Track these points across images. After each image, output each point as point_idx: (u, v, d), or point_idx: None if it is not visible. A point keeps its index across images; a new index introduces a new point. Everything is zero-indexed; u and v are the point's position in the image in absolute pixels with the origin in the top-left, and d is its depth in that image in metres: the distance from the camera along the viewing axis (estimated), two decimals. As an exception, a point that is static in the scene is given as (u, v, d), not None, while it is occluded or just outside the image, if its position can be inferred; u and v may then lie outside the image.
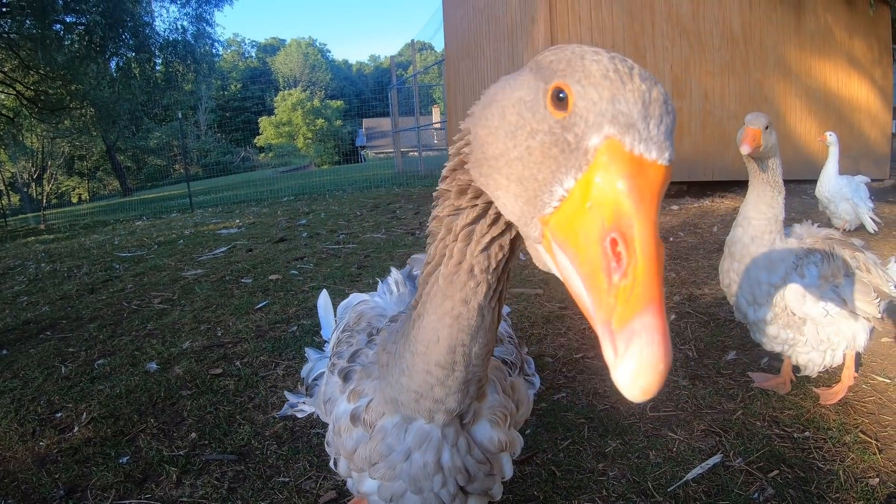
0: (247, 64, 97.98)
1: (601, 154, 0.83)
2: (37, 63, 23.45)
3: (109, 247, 10.88)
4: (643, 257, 0.77)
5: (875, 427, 3.13)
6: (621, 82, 0.85)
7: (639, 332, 0.74)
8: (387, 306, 2.12)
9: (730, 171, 11.69)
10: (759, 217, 3.15)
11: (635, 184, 0.81)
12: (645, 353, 0.73)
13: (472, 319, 1.32)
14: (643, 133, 0.83)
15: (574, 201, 0.86)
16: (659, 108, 0.85)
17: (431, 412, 1.51)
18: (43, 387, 4.23)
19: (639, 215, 0.79)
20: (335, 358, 1.90)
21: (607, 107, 0.84)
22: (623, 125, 0.83)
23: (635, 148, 0.82)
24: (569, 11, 10.34)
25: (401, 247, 8.08)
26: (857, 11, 12.79)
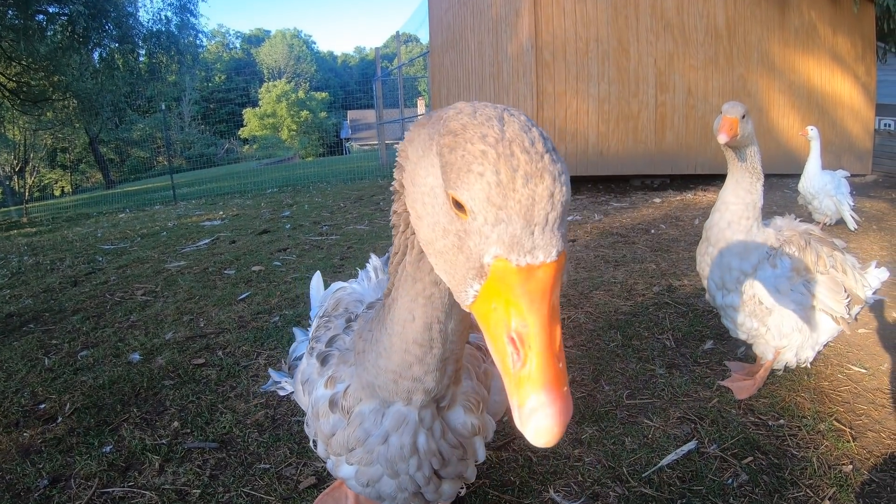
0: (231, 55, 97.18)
1: (494, 270, 0.93)
2: (19, 54, 23.16)
3: (92, 239, 10.81)
4: (536, 349, 0.90)
5: (850, 416, 3.19)
6: (502, 194, 0.91)
7: (535, 409, 0.89)
8: (364, 292, 2.16)
9: (713, 164, 11.77)
10: (737, 202, 3.17)
11: (525, 290, 0.91)
12: (540, 425, 0.88)
13: (444, 297, 1.37)
14: (527, 245, 0.91)
15: (483, 300, 0.97)
16: (543, 208, 0.91)
17: (410, 392, 1.53)
18: (26, 379, 4.22)
19: (531, 315, 0.91)
20: (314, 342, 1.94)
21: (491, 229, 0.92)
22: (508, 245, 0.91)
23: (521, 261, 0.91)
24: (553, 4, 10.37)
25: (384, 238, 8.09)
26: (841, 8, 12.89)
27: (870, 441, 2.97)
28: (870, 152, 13.92)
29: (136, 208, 17.48)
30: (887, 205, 9.68)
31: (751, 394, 3.39)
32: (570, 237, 7.49)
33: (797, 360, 3.39)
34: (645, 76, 11.15)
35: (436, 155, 1.03)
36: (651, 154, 11.36)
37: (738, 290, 3.23)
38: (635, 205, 9.87)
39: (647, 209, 9.44)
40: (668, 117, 11.43)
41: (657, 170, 11.58)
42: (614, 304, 4.97)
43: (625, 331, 4.38)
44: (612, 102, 10.94)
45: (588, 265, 6.16)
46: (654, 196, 10.72)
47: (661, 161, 11.48)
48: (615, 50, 10.88)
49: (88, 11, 21.70)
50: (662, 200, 10.20)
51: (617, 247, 6.91)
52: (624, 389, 3.54)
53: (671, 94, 11.39)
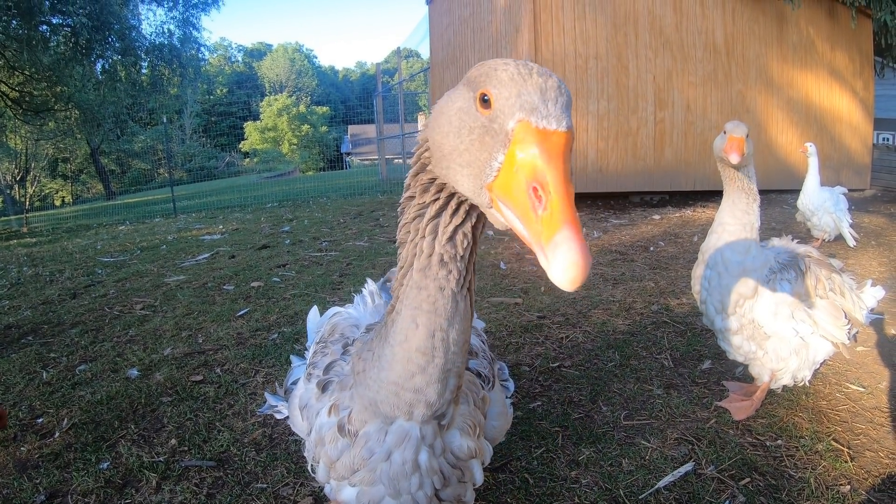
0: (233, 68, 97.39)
1: (517, 133, 1.14)
2: (22, 64, 23.21)
3: (92, 251, 10.81)
4: (556, 195, 1.06)
5: (848, 435, 3.19)
6: (523, 81, 1.16)
7: (560, 242, 1.01)
8: (360, 317, 2.19)
9: (711, 181, 11.80)
10: (734, 223, 3.16)
11: (544, 148, 1.11)
12: (567, 256, 0.99)
13: (448, 305, 1.47)
14: (543, 112, 1.13)
15: (506, 169, 1.16)
16: (553, 92, 1.16)
17: (411, 405, 1.56)
18: (24, 392, 4.22)
19: (549, 169, 1.08)
20: (311, 368, 1.96)
21: (515, 100, 1.15)
22: (528, 109, 1.13)
23: (539, 124, 1.12)
24: (552, 21, 10.43)
25: (383, 255, 8.10)
26: (839, 24, 12.98)
27: (868, 461, 2.96)
28: (868, 167, 13.98)
29: (137, 220, 17.50)
30: (886, 220, 9.70)
31: (748, 414, 3.38)
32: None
33: (794, 380, 3.39)
34: (644, 93, 11.20)
35: (463, 86, 1.30)
36: (650, 171, 11.39)
37: (736, 314, 3.22)
38: (634, 222, 9.88)
39: (646, 226, 9.45)
40: (667, 134, 11.47)
41: (656, 186, 11.61)
42: (612, 323, 4.97)
43: (623, 350, 4.38)
44: (611, 119, 10.98)
45: (587, 283, 6.14)
46: (653, 213, 10.74)
47: (660, 178, 11.51)
48: (614, 67, 10.94)
49: (92, 23, 21.76)
50: (661, 217, 10.22)
51: (616, 265, 6.92)
52: (622, 410, 3.53)
53: (670, 111, 11.44)
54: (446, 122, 1.30)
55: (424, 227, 1.45)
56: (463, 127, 1.24)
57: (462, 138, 1.24)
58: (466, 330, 1.55)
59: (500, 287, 6.13)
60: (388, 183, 20.76)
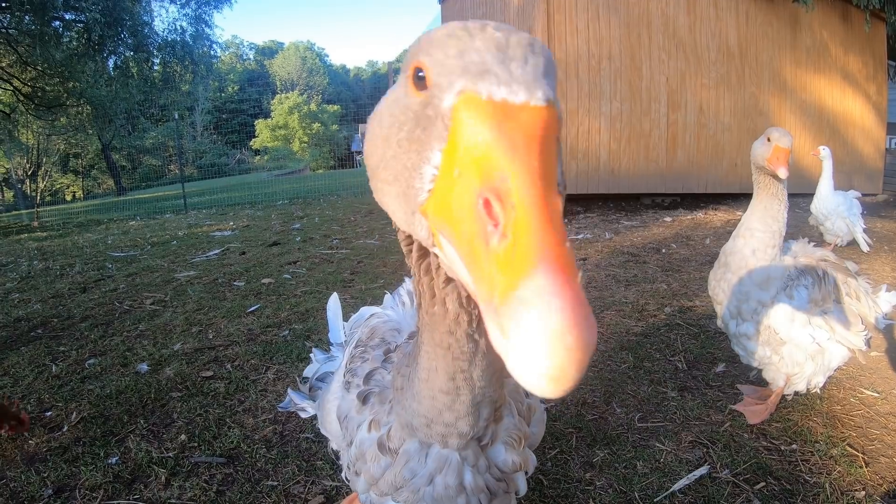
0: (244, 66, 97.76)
1: (458, 111, 0.75)
2: (35, 59, 23.36)
3: (102, 246, 10.84)
4: (523, 209, 0.65)
5: (862, 440, 3.16)
6: (469, 36, 0.77)
7: (528, 299, 0.59)
8: (400, 320, 2.02)
9: (723, 183, 11.76)
10: (764, 229, 3.10)
11: (503, 131, 0.70)
12: (541, 325, 0.58)
13: (464, 346, 1.26)
14: (502, 76, 0.73)
15: (443, 174, 0.77)
16: (521, 49, 0.76)
17: (444, 437, 1.45)
18: (33, 385, 4.22)
19: (513, 165, 0.68)
20: (349, 375, 1.84)
21: (456, 62, 0.76)
22: (475, 74, 0.74)
23: (494, 93, 0.72)
24: (566, 22, 10.40)
25: (394, 253, 8.08)
26: (852, 28, 12.89)
27: (882, 467, 2.93)
28: (881, 172, 13.89)
29: (147, 216, 17.54)
30: (899, 226, 9.61)
31: (763, 418, 3.35)
32: (581, 255, 7.48)
33: (808, 386, 3.35)
34: (657, 94, 11.15)
35: (402, 71, 0.90)
36: (662, 172, 11.35)
37: (753, 320, 3.19)
38: (646, 223, 9.84)
39: (657, 228, 9.41)
40: (680, 136, 11.42)
41: (668, 188, 11.56)
42: (626, 324, 4.93)
43: (636, 352, 4.34)
44: (623, 121, 10.94)
45: (599, 285, 6.13)
46: (664, 215, 10.70)
47: (672, 180, 11.46)
48: (627, 68, 10.89)
49: (104, 19, 21.86)
50: (673, 219, 10.17)
51: (628, 266, 6.88)
52: (636, 412, 3.50)
53: (683, 113, 11.39)
54: (377, 123, 0.95)
55: (416, 267, 1.18)
56: (393, 124, 0.88)
57: (390, 142, 0.88)
58: (493, 362, 1.36)
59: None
60: (398, 182, 20.72)
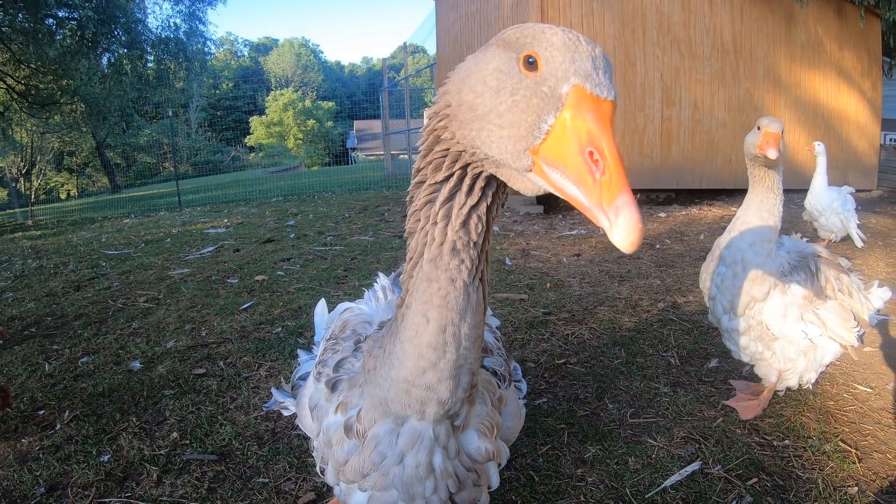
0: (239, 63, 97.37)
1: (571, 97, 1.13)
2: (28, 57, 23.25)
3: (97, 244, 10.82)
4: (612, 161, 1.08)
5: (855, 436, 3.17)
6: (575, 47, 1.14)
7: (622, 206, 1.04)
8: (373, 313, 2.13)
9: (717, 179, 11.77)
10: (760, 223, 3.10)
11: (598, 115, 1.11)
12: (630, 218, 1.03)
13: (460, 298, 1.42)
14: (596, 80, 1.13)
15: (558, 132, 1.14)
16: (602, 62, 1.15)
17: (423, 403, 1.51)
18: (26, 384, 4.21)
19: (603, 135, 1.09)
20: (321, 366, 1.91)
21: (570, 65, 1.13)
22: (583, 76, 1.12)
23: (593, 91, 1.12)
24: (560, 18, 10.39)
25: (388, 249, 8.09)
26: (847, 23, 12.90)
27: (875, 462, 2.94)
28: (875, 168, 13.92)
29: (141, 214, 17.51)
30: (893, 221, 9.65)
31: (756, 414, 3.35)
32: (575, 252, 7.49)
33: (800, 382, 3.36)
34: (651, 90, 11.16)
35: (496, 47, 1.25)
36: (657, 168, 11.36)
37: (745, 315, 3.18)
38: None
39: (652, 224, 9.42)
40: (674, 131, 11.43)
41: (662, 184, 11.57)
42: (619, 320, 4.94)
43: (629, 348, 4.35)
44: (617, 116, 10.90)
45: (593, 280, 6.14)
46: (659, 210, 10.71)
47: (667, 175, 11.47)
48: (622, 64, 10.89)
49: (98, 17, 21.75)
50: (667, 215, 10.19)
51: (622, 262, 6.89)
52: (628, 408, 3.51)
53: (677, 109, 11.40)
54: (480, 83, 1.24)
55: (437, 211, 1.38)
56: (503, 88, 1.20)
57: (502, 98, 1.19)
58: (479, 324, 1.49)
59: (506, 283, 6.11)
60: (393, 178, 20.76)
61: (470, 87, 1.26)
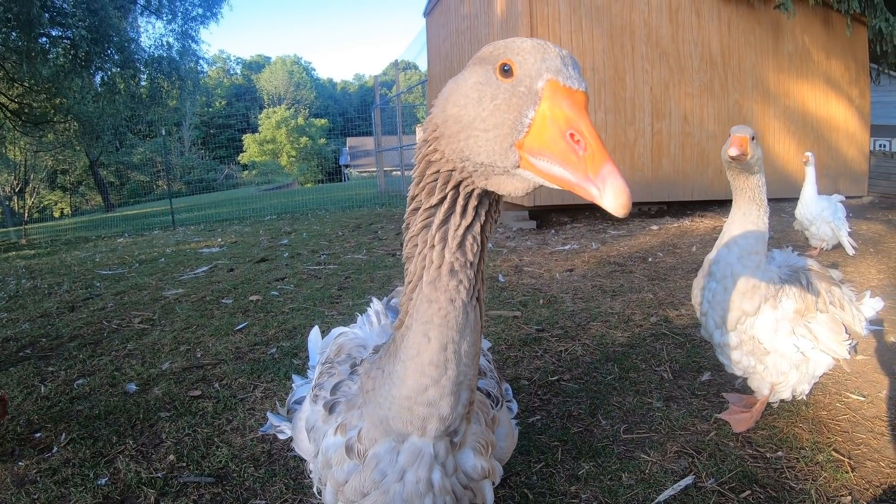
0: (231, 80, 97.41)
1: (547, 91, 1.24)
2: (21, 75, 23.27)
3: (91, 264, 10.82)
4: (592, 138, 1.17)
5: (848, 445, 3.19)
6: (544, 49, 1.26)
7: (607, 174, 1.12)
8: (367, 337, 2.17)
9: (709, 190, 11.84)
10: (745, 237, 3.11)
11: (572, 102, 1.22)
12: (616, 183, 1.11)
13: (459, 317, 1.48)
14: (566, 74, 1.24)
15: (539, 123, 1.24)
16: (570, 60, 1.27)
17: (425, 420, 1.54)
18: (22, 406, 4.21)
19: (580, 118, 1.20)
20: (317, 389, 1.94)
21: (542, 64, 1.25)
22: (555, 71, 1.23)
23: (566, 83, 1.23)
24: (549, 34, 10.47)
25: (381, 268, 8.09)
26: (834, 32, 13.03)
27: (869, 471, 2.96)
28: (865, 174, 14.03)
29: (135, 233, 17.48)
30: (884, 227, 9.72)
31: (749, 426, 3.38)
32: (567, 267, 7.53)
33: (793, 394, 3.39)
34: (641, 104, 11.24)
35: (473, 65, 1.37)
36: (648, 182, 11.42)
37: (737, 330, 3.20)
38: (633, 232, 9.90)
39: (644, 237, 9.47)
40: (665, 145, 11.51)
41: (654, 197, 11.63)
42: (611, 335, 4.97)
43: (622, 363, 4.37)
44: (608, 131, 11.01)
45: (585, 296, 6.17)
46: (651, 223, 10.76)
47: (658, 188, 11.54)
48: (611, 79, 10.98)
49: (91, 36, 21.73)
50: (660, 228, 10.24)
51: (614, 276, 6.92)
52: (621, 424, 3.53)
53: (667, 122, 11.48)
54: (462, 97, 1.35)
55: (434, 235, 1.45)
56: (483, 96, 1.30)
57: (484, 105, 1.29)
58: (477, 341, 1.55)
59: (499, 300, 6.13)
60: (386, 195, 20.79)
61: (453, 102, 1.36)
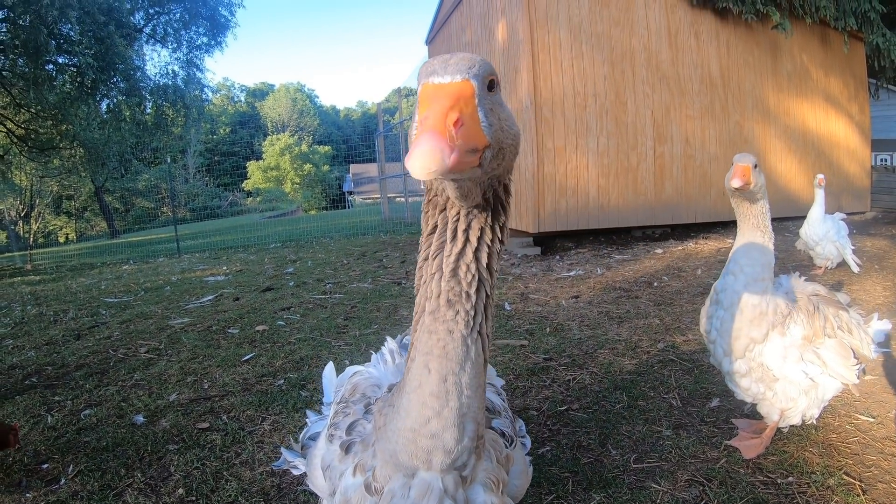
0: (236, 108, 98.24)
1: (420, 93, 1.28)
2: (28, 102, 23.46)
3: (96, 291, 10.85)
4: (430, 119, 1.16)
5: (859, 468, 3.17)
6: (429, 61, 1.31)
7: (418, 143, 1.09)
8: (381, 376, 2.18)
9: (712, 212, 11.86)
10: (752, 264, 3.12)
11: (431, 94, 1.24)
12: (419, 147, 1.08)
13: (458, 349, 1.48)
14: (440, 73, 1.26)
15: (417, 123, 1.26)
16: (454, 58, 1.29)
17: (429, 452, 1.54)
18: (29, 436, 4.21)
19: (432, 107, 1.20)
20: (333, 429, 1.95)
21: (421, 73, 1.29)
22: (426, 74, 1.28)
23: (433, 81, 1.26)
24: (551, 61, 10.57)
25: (387, 297, 8.07)
26: (832, 49, 13.14)
27: (880, 493, 2.94)
28: (868, 190, 14.07)
29: (140, 260, 17.54)
30: (888, 242, 9.72)
31: (759, 452, 3.36)
32: (573, 293, 7.53)
33: (803, 418, 3.37)
34: (643, 128, 11.31)
35: None
36: (651, 205, 11.45)
37: (746, 357, 3.20)
38: (637, 256, 9.91)
39: (649, 261, 9.48)
40: (667, 168, 11.55)
41: (658, 220, 11.65)
42: (619, 363, 4.95)
43: (630, 391, 4.36)
44: (611, 156, 11.07)
45: (592, 322, 6.16)
46: (655, 246, 10.77)
47: (662, 211, 11.56)
48: (613, 104, 11.05)
49: (97, 64, 21.89)
50: (664, 251, 10.25)
51: (620, 302, 6.92)
52: (631, 453, 3.51)
53: (669, 145, 11.53)
54: None
55: (431, 264, 1.48)
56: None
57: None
58: (479, 374, 1.55)
59: (506, 329, 6.12)
60: (390, 222, 20.86)
61: None
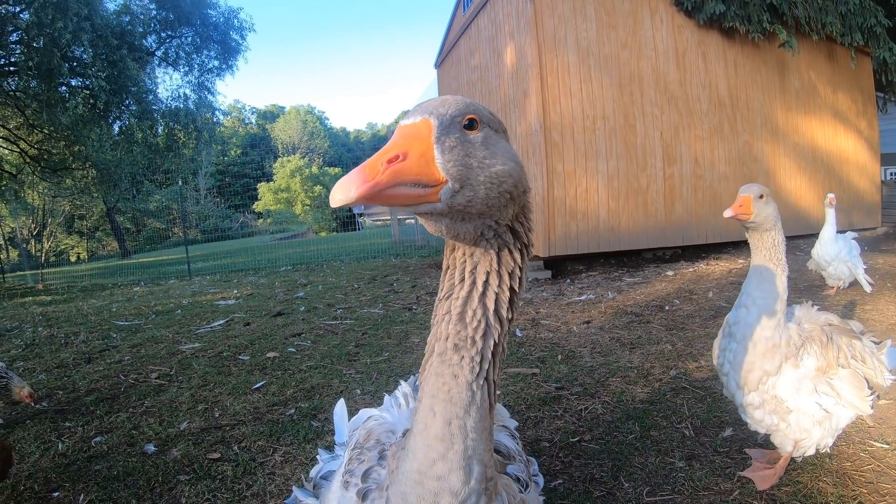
0: (247, 130, 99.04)
1: None
2: (41, 123, 23.82)
3: (107, 313, 10.90)
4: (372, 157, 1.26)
5: (874, 496, 3.13)
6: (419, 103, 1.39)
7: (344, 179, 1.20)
8: (396, 421, 2.17)
9: (723, 232, 11.83)
10: (764, 297, 3.10)
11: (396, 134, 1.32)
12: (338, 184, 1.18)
13: (463, 394, 1.47)
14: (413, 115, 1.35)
15: None
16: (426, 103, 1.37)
17: (436, 495, 1.51)
18: (39, 463, 4.21)
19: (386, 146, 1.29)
20: (348, 476, 1.95)
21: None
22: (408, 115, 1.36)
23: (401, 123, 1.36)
24: (559, 85, 10.62)
25: (398, 323, 8.04)
26: (839, 66, 13.16)
27: (894, 522, 2.88)
28: (879, 205, 14.04)
29: (151, 282, 17.62)
30: (900, 258, 9.61)
31: (772, 483, 3.32)
32: (584, 319, 7.50)
33: (817, 448, 3.33)
34: (652, 149, 11.32)
35: None
36: (661, 226, 11.43)
37: (759, 390, 3.18)
38: (648, 279, 9.87)
39: (660, 283, 9.44)
40: (677, 189, 11.55)
41: (668, 242, 11.63)
42: (631, 391, 4.91)
43: (643, 421, 4.31)
44: (620, 178, 11.07)
45: (604, 349, 6.10)
46: (666, 268, 10.73)
47: (672, 233, 11.54)
48: (622, 126, 11.08)
49: (110, 86, 22.19)
50: (675, 273, 10.20)
51: (632, 327, 6.87)
52: (644, 486, 3.47)
53: (678, 166, 11.54)
54: None
55: (442, 306, 1.50)
56: None
57: None
58: (485, 418, 1.54)
59: (517, 357, 6.07)
60: (400, 245, 20.93)
61: None
